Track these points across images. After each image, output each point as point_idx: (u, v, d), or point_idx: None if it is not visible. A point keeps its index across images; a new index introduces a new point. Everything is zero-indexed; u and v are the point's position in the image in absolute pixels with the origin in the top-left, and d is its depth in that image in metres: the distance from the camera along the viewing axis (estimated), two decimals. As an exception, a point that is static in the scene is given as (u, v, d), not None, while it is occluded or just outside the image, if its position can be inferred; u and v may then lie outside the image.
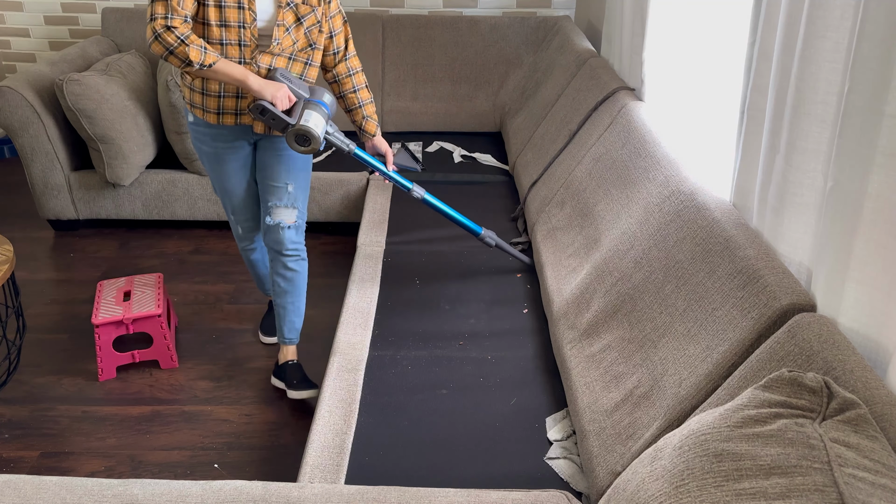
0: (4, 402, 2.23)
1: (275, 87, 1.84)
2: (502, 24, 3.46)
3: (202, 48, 1.77)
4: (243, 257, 2.36)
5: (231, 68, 1.81)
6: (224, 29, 1.82)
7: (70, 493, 1.20)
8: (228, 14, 1.81)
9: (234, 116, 1.95)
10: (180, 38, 1.74)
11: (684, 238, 1.52)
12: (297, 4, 1.88)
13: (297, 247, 2.10)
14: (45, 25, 3.83)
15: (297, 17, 1.89)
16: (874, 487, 0.80)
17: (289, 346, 2.23)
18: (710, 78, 1.95)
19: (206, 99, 1.93)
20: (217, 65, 1.80)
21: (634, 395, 1.43)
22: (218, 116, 1.94)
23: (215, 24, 1.81)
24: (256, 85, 1.82)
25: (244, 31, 1.83)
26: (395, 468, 1.50)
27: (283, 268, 2.10)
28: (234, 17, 1.81)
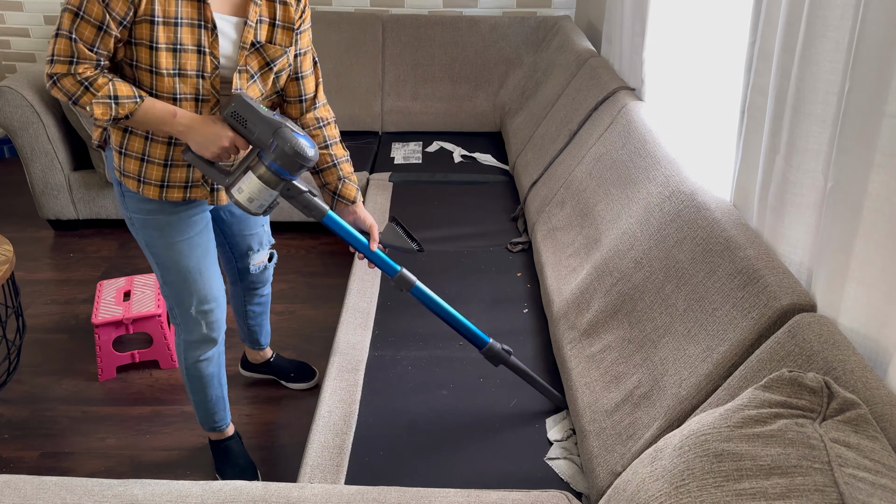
0: (4, 402, 2.23)
1: (209, 138, 1.41)
2: (502, 24, 3.46)
3: (111, 98, 1.35)
4: (192, 377, 1.78)
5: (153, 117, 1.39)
6: (178, 79, 1.40)
7: (70, 493, 1.20)
8: (185, 60, 1.39)
9: (182, 190, 1.53)
10: (84, 86, 1.35)
11: (684, 238, 1.52)
12: (263, 45, 1.48)
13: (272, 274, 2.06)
14: (45, 25, 3.83)
15: (265, 61, 1.50)
16: (874, 487, 0.80)
17: (266, 348, 2.26)
18: (710, 78, 1.95)
19: (146, 168, 1.49)
20: (137, 114, 1.38)
21: (635, 396, 1.43)
22: (161, 190, 1.51)
23: (167, 74, 1.39)
24: (185, 131, 1.41)
25: (203, 81, 1.43)
26: (395, 468, 1.50)
27: (259, 297, 2.07)
28: (192, 65, 1.40)
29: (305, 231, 3.22)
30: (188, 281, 1.62)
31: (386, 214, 2.63)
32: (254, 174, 1.42)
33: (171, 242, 1.58)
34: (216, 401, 1.86)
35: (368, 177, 3.05)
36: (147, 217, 1.56)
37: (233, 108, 1.41)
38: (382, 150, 3.29)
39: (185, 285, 1.62)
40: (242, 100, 1.41)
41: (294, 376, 2.27)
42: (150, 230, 1.57)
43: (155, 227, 1.57)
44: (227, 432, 1.96)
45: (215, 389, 1.84)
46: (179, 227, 1.58)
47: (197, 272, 1.62)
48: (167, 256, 1.59)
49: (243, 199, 1.44)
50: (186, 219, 1.59)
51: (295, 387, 2.27)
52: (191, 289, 1.63)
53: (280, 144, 1.39)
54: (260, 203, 1.46)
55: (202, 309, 1.67)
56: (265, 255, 1.93)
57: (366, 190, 2.98)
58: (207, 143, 1.42)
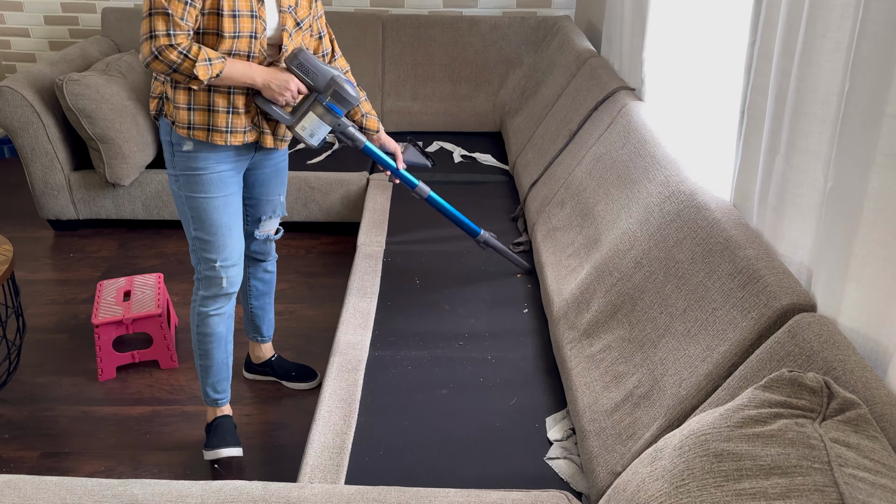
0: (4, 402, 2.23)
1: (280, 84, 1.70)
2: (502, 24, 3.47)
3: (207, 61, 1.61)
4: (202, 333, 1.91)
5: (237, 71, 1.66)
6: (236, 40, 1.67)
7: (70, 493, 1.20)
8: (242, 24, 1.66)
9: (242, 135, 1.77)
10: (184, 54, 1.59)
11: (684, 238, 1.52)
12: (294, 8, 1.77)
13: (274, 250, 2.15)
14: (45, 25, 3.83)
15: (296, 21, 1.78)
16: (874, 487, 0.80)
17: (268, 342, 2.29)
18: (710, 78, 1.95)
19: (214, 116, 1.73)
20: (223, 73, 1.65)
21: (634, 395, 1.43)
22: (226, 136, 1.75)
23: (228, 36, 1.65)
24: (262, 82, 1.69)
25: (255, 42, 1.69)
26: (395, 468, 1.50)
27: (263, 272, 2.15)
28: (248, 28, 1.67)
29: (305, 231, 3.22)
30: (219, 235, 1.81)
31: (386, 214, 2.63)
32: (314, 113, 1.78)
33: (210, 198, 1.78)
34: (220, 366, 1.96)
35: (368, 177, 3.05)
36: (192, 174, 1.76)
37: (299, 60, 1.72)
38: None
39: (216, 239, 1.81)
40: (305, 53, 1.73)
41: (295, 376, 2.29)
42: (194, 185, 1.77)
43: (198, 183, 1.77)
44: (225, 410, 2.03)
45: (221, 352, 1.94)
46: (219, 184, 1.79)
47: (227, 228, 1.82)
48: (203, 210, 1.79)
49: (306, 134, 1.79)
50: (225, 178, 1.80)
51: (296, 387, 2.28)
52: (220, 242, 1.82)
53: (336, 88, 1.77)
54: (319, 137, 1.81)
55: (226, 264, 1.84)
56: (274, 226, 2.07)
57: (366, 190, 2.98)
58: (280, 87, 1.70)
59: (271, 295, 2.20)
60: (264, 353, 2.28)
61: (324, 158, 3.20)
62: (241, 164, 1.84)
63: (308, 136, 1.80)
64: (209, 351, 1.92)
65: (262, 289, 2.16)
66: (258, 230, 2.03)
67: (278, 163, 1.98)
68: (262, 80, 1.69)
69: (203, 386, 1.99)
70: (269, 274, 2.16)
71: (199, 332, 1.91)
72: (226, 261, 1.84)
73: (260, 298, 2.18)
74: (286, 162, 2.02)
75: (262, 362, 2.29)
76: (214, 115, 1.73)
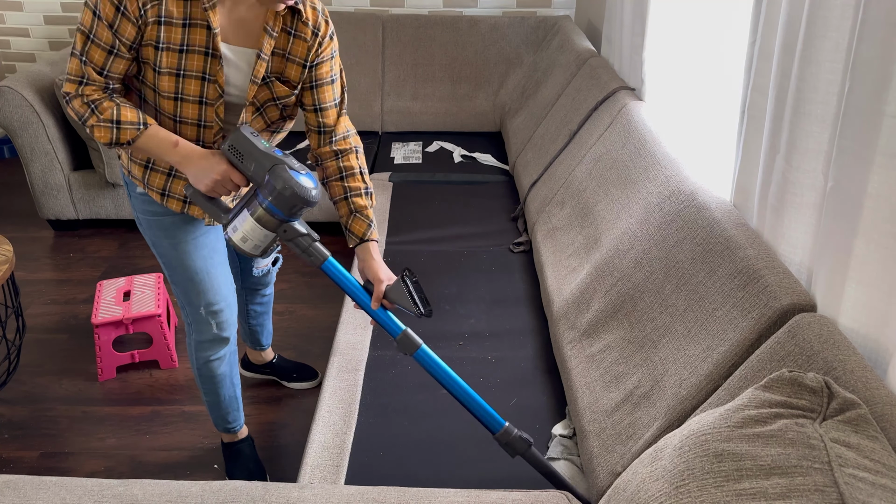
0: (4, 402, 2.23)
1: (205, 170, 1.37)
2: (502, 24, 3.46)
3: (114, 124, 1.35)
4: (204, 377, 1.77)
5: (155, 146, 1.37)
6: (180, 103, 1.39)
7: (70, 493, 1.20)
8: (187, 86, 1.37)
9: (182, 203, 1.53)
10: (89, 106, 1.35)
11: (684, 238, 1.52)
12: (273, 81, 1.45)
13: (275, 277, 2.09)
14: (45, 25, 3.83)
15: (272, 96, 1.47)
16: (874, 487, 0.80)
17: (268, 349, 2.27)
18: (710, 78, 1.95)
19: (151, 175, 1.49)
20: (139, 141, 1.37)
21: (635, 396, 1.43)
22: (162, 197, 1.51)
23: (167, 97, 1.39)
24: (181, 162, 1.38)
25: (205, 108, 1.40)
26: (395, 468, 1.50)
27: (261, 296, 2.09)
28: (195, 91, 1.38)
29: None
30: (195, 281, 1.61)
31: (386, 215, 2.63)
32: (250, 214, 1.35)
33: (175, 243, 1.56)
34: (229, 401, 1.85)
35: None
36: (152, 218, 1.56)
37: (230, 142, 1.35)
38: (382, 150, 3.29)
39: (193, 285, 1.61)
40: (241, 133, 1.35)
41: (296, 376, 2.28)
42: (156, 230, 1.57)
43: (160, 227, 1.56)
44: (240, 434, 1.95)
45: (228, 389, 1.82)
46: (184, 227, 1.57)
47: (204, 272, 1.61)
48: (173, 256, 1.58)
49: (237, 238, 1.37)
50: (192, 220, 1.57)
51: (297, 386, 2.28)
52: (198, 289, 1.61)
53: (274, 183, 1.30)
54: (255, 244, 1.38)
55: (211, 310, 1.65)
56: (269, 260, 1.86)
57: (366, 190, 2.97)
58: (202, 174, 1.37)
59: (269, 312, 2.15)
60: (264, 357, 2.27)
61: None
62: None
63: (240, 242, 1.37)
64: (215, 391, 1.81)
65: (260, 311, 2.12)
66: (255, 266, 1.88)
67: None
68: (182, 160, 1.38)
69: (213, 416, 1.89)
70: (267, 297, 2.10)
71: (201, 376, 1.78)
72: (211, 306, 1.64)
73: (258, 318, 2.14)
74: None
75: (263, 364, 2.29)
76: (151, 174, 1.49)
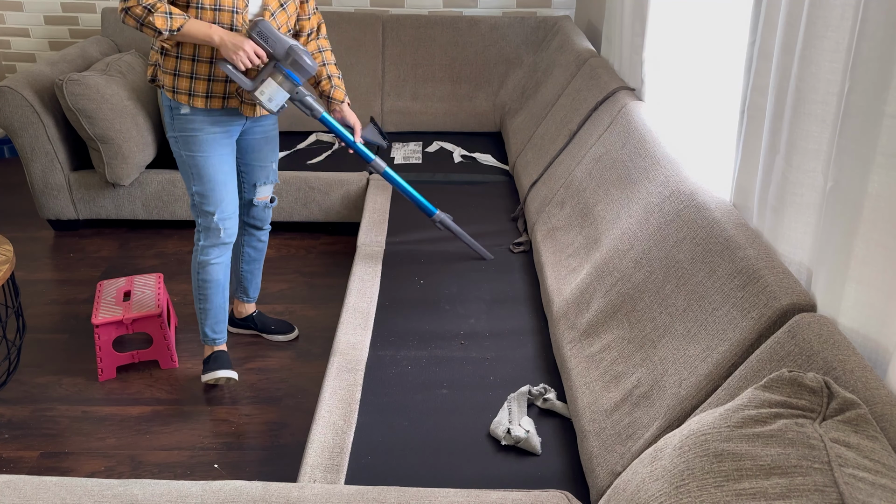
0: (4, 402, 2.23)
1: (235, 44, 1.84)
2: (502, 24, 3.46)
3: (167, 14, 1.79)
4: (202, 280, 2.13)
5: (197, 28, 1.83)
6: (218, 13, 1.85)
7: (70, 493, 1.20)
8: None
9: (221, 100, 1.97)
10: (146, 8, 1.78)
11: (684, 238, 1.52)
12: None
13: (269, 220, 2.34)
14: (45, 25, 3.83)
15: (279, 2, 1.95)
16: (874, 487, 0.80)
17: (253, 302, 2.48)
18: (710, 78, 1.95)
19: (195, 83, 1.94)
20: (184, 27, 1.82)
21: (634, 395, 1.43)
22: (206, 100, 1.95)
23: (209, 8, 1.84)
24: (219, 41, 1.84)
25: (237, 15, 1.87)
26: (395, 468, 1.50)
27: (257, 241, 2.34)
28: (228, 2, 1.85)
29: (305, 231, 3.22)
30: (215, 190, 2.03)
31: (386, 215, 2.63)
32: (273, 80, 1.92)
33: (206, 156, 2.00)
34: (218, 310, 2.19)
35: (368, 177, 3.05)
36: (190, 135, 1.98)
37: (258, 29, 1.86)
38: (382, 150, 3.29)
39: (213, 193, 2.03)
40: (265, 23, 1.88)
41: (275, 328, 2.49)
42: (192, 145, 1.99)
43: (195, 143, 1.99)
44: (220, 347, 2.26)
45: (220, 298, 2.17)
46: (213, 144, 2.00)
47: (222, 184, 2.04)
48: (202, 167, 2.01)
49: (265, 98, 1.92)
50: (220, 139, 2.02)
51: (276, 339, 2.49)
52: (217, 197, 2.04)
53: (295, 57, 1.91)
54: (277, 103, 1.95)
55: (223, 216, 2.06)
56: (269, 193, 2.25)
57: (366, 190, 2.98)
58: (235, 47, 1.84)
59: (261, 261, 2.40)
60: (247, 310, 2.47)
61: (324, 158, 3.20)
62: (233, 129, 2.05)
63: (266, 101, 1.93)
64: (209, 296, 2.15)
65: (253, 255, 2.36)
66: (255, 196, 2.22)
67: (268, 130, 2.16)
68: (220, 39, 1.84)
69: (202, 327, 2.21)
70: (262, 243, 2.36)
71: (199, 280, 2.13)
72: (223, 212, 2.06)
73: (251, 263, 2.37)
74: (276, 130, 2.19)
75: (244, 317, 2.48)
76: (196, 82, 1.94)
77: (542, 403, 1.66)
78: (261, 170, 2.20)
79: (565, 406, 1.66)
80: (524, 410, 1.64)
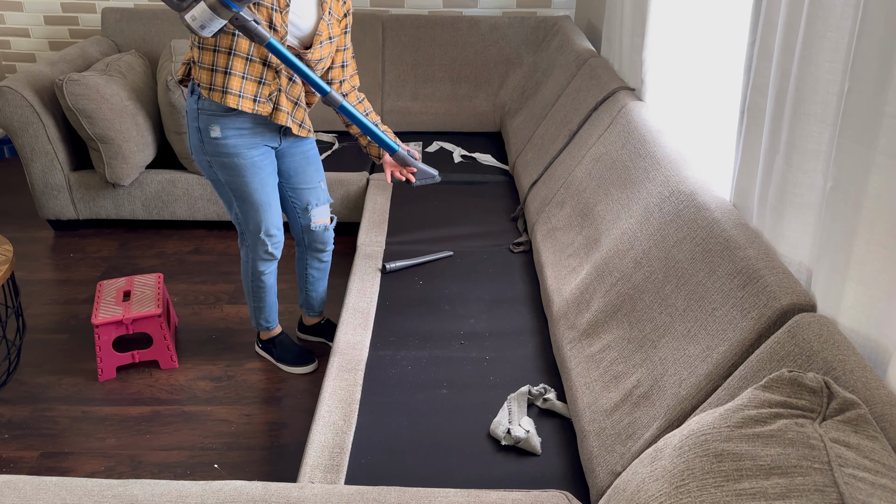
0: (4, 402, 2.23)
1: None
2: (502, 24, 3.47)
3: None
4: (255, 286, 2.24)
5: None
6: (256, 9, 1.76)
7: (70, 493, 1.20)
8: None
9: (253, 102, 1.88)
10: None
11: (684, 238, 1.52)
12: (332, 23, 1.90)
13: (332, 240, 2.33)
14: (45, 25, 3.83)
15: (329, 35, 1.90)
16: (874, 487, 0.80)
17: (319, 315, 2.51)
18: (711, 78, 1.95)
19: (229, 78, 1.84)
20: None
21: (634, 395, 1.43)
22: (238, 99, 1.85)
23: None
24: None
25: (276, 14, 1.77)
26: (395, 468, 1.50)
27: (319, 262, 2.34)
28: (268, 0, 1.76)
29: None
30: (259, 211, 2.03)
31: (386, 215, 2.63)
32: (205, 3, 1.61)
33: (248, 180, 1.97)
34: (271, 306, 2.32)
35: (368, 177, 3.05)
36: (227, 160, 1.93)
37: None
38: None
39: (258, 214, 2.04)
40: None
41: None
42: (229, 171, 1.95)
43: (233, 168, 1.95)
44: (276, 331, 2.40)
45: (271, 297, 2.29)
46: (253, 168, 1.96)
47: (266, 205, 2.04)
48: (246, 192, 1.99)
49: (196, 25, 1.64)
50: (258, 161, 1.97)
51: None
52: (261, 216, 2.05)
53: None
54: (210, 29, 1.66)
55: (269, 233, 2.09)
56: (326, 214, 2.22)
57: (366, 190, 2.98)
58: None
59: (325, 279, 2.40)
60: (314, 321, 2.51)
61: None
62: (268, 149, 2.00)
63: (199, 28, 1.67)
64: (262, 297, 2.27)
65: (317, 276, 2.37)
66: (312, 222, 2.21)
67: (307, 151, 2.11)
68: None
69: (256, 319, 2.34)
70: (325, 263, 2.36)
71: (253, 285, 2.23)
72: (269, 230, 2.09)
73: (315, 283, 2.39)
74: (315, 150, 2.15)
75: (312, 325, 2.51)
76: (230, 77, 1.84)
77: (542, 403, 1.66)
78: (310, 192, 2.15)
79: (565, 406, 1.66)
80: (524, 410, 1.64)
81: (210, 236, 3.20)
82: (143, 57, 3.33)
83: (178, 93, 2.86)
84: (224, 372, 2.36)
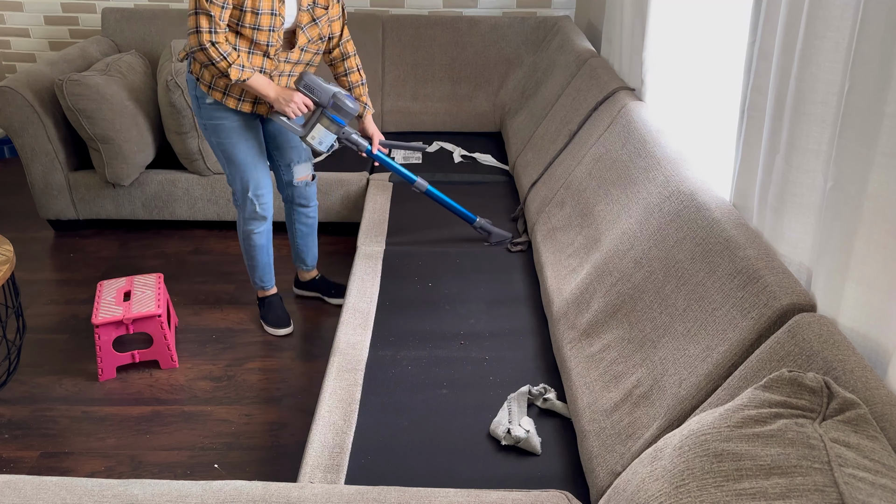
0: (4, 402, 2.23)
1: (286, 98, 2.09)
2: (502, 24, 3.46)
3: (241, 67, 1.99)
4: (247, 245, 2.42)
5: (258, 83, 2.06)
6: (256, 32, 2.01)
7: (70, 493, 1.20)
8: (262, 20, 2.00)
9: (251, 105, 2.17)
10: (223, 55, 1.97)
11: (684, 238, 1.52)
12: (313, 8, 2.10)
13: (316, 196, 2.51)
14: (45, 25, 3.83)
15: (312, 18, 2.11)
16: (874, 487, 0.80)
17: (312, 269, 2.69)
18: (711, 78, 1.95)
19: (231, 87, 2.11)
20: (249, 81, 2.03)
21: (634, 395, 1.43)
22: (238, 102, 2.14)
23: (249, 27, 2.00)
24: (273, 94, 2.09)
25: (272, 34, 2.04)
26: (395, 468, 1.50)
27: (306, 217, 2.53)
28: (267, 23, 2.01)
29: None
30: (247, 171, 2.25)
31: (386, 215, 2.63)
32: (321, 125, 2.19)
33: (234, 142, 2.21)
34: (265, 266, 2.50)
35: (368, 177, 3.05)
36: (218, 123, 2.18)
37: (304, 81, 2.13)
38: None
39: (245, 174, 2.26)
40: (309, 75, 2.14)
41: (335, 293, 2.70)
42: (220, 133, 2.19)
43: (223, 131, 2.19)
44: (270, 291, 2.58)
45: (264, 256, 2.47)
46: (240, 132, 2.21)
47: (253, 165, 2.26)
48: (232, 153, 2.22)
49: (315, 143, 2.20)
50: (245, 127, 2.22)
51: (335, 302, 2.69)
52: (249, 176, 2.26)
53: (338, 102, 2.16)
54: (326, 144, 2.21)
55: (257, 192, 2.29)
56: (308, 172, 2.44)
57: (366, 190, 2.98)
58: (286, 101, 2.10)
59: (314, 235, 2.59)
60: (308, 276, 2.71)
61: (323, 158, 3.20)
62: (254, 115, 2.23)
63: (317, 144, 2.20)
64: (255, 256, 2.45)
65: (305, 231, 2.56)
66: (294, 177, 2.41)
67: None
68: (275, 94, 2.10)
69: (252, 277, 2.53)
70: (311, 219, 2.55)
71: (245, 245, 2.42)
72: (256, 190, 2.29)
73: (304, 238, 2.58)
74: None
75: (307, 281, 2.70)
76: (232, 86, 2.10)
77: (542, 403, 1.66)
78: (292, 150, 2.36)
79: (565, 406, 1.66)
80: (524, 410, 1.64)
81: (210, 236, 3.20)
82: (143, 57, 3.33)
83: (178, 93, 2.86)
84: (224, 372, 2.36)
